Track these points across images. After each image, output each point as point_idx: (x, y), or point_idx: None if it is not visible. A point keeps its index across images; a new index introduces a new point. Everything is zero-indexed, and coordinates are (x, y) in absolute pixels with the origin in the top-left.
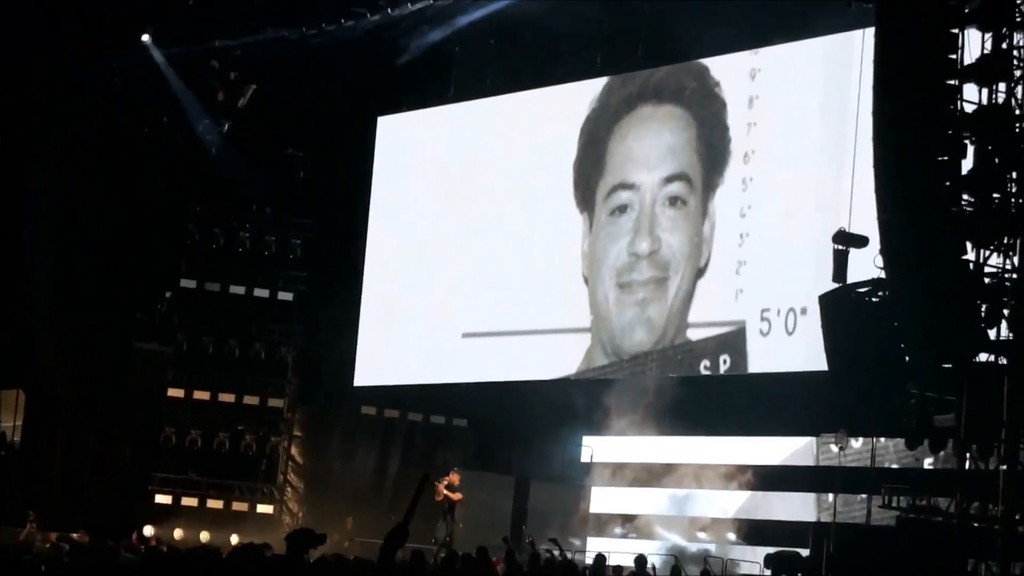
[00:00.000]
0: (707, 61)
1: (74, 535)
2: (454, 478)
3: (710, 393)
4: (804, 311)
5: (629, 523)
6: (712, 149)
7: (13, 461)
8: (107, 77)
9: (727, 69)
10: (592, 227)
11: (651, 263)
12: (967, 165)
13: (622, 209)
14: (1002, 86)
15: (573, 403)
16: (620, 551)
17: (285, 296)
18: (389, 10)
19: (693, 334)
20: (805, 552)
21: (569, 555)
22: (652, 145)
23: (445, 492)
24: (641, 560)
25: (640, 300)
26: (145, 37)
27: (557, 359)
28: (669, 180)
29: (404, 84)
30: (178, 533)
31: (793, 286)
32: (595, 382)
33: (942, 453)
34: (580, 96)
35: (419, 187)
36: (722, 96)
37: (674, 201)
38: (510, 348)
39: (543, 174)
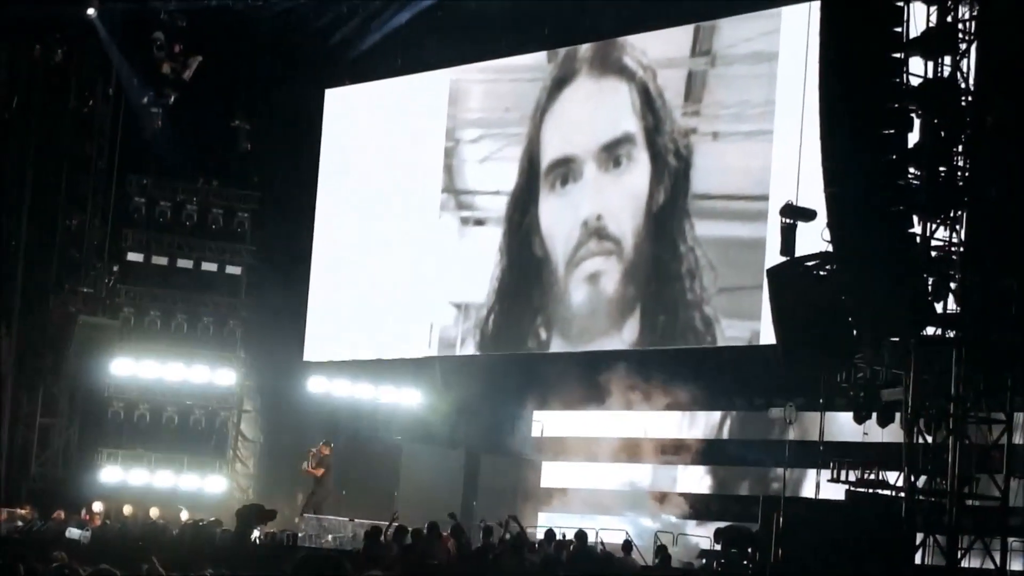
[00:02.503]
0: (652, 33)
1: (21, 510)
2: (324, 450)
3: (658, 367)
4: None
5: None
6: (655, 120)
7: None
8: (49, 47)
9: (672, 42)
10: (541, 200)
11: (599, 232)
12: (913, 138)
13: (564, 179)
14: (947, 59)
15: (523, 377)
16: (570, 526)
17: (233, 270)
18: None
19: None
20: (755, 526)
21: (527, 531)
22: (594, 116)
23: (308, 469)
24: (581, 535)
25: (591, 274)
26: (91, 11)
27: (507, 333)
28: (612, 144)
29: (349, 55)
30: (127, 509)
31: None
32: (545, 356)
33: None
34: (525, 69)
35: (367, 160)
36: (667, 70)
37: (618, 161)
38: (460, 321)
39: (489, 145)
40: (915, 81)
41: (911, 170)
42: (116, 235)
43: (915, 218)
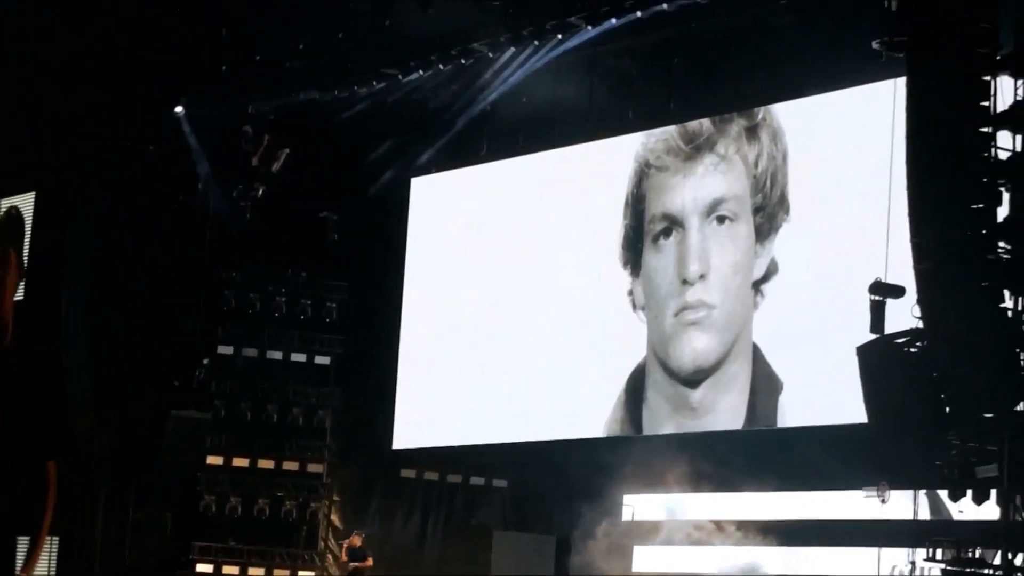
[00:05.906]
0: (739, 114)
1: None
2: (355, 540)
3: (746, 448)
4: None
5: None
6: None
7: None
8: (140, 145)
9: (757, 121)
10: (641, 271)
11: (703, 288)
12: (1003, 213)
13: (667, 233)
14: None
15: (613, 461)
16: None
17: (322, 360)
18: (420, 72)
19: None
20: None
21: None
22: (694, 186)
23: (351, 565)
24: None
25: (692, 327)
26: (179, 109)
27: (596, 417)
28: (716, 203)
29: (436, 143)
30: None
31: (828, 337)
32: (634, 439)
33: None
34: (615, 152)
35: (455, 247)
36: (754, 149)
37: (722, 220)
38: (549, 407)
39: (579, 231)
40: (1004, 155)
41: (1001, 244)
42: (206, 328)
43: (1007, 292)
